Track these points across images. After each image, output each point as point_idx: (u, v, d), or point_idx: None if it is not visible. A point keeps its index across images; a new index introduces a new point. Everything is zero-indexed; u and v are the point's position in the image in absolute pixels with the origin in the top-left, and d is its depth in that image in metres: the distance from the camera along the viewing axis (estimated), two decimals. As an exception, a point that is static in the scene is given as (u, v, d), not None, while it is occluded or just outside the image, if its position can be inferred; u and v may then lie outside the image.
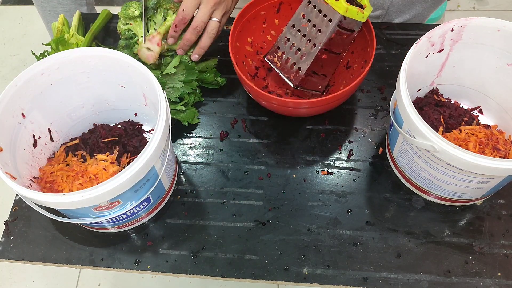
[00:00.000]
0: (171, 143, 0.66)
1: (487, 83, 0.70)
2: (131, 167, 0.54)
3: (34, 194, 0.53)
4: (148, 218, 0.68)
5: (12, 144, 0.61)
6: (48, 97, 0.66)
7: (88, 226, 0.67)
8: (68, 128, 0.72)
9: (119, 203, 0.58)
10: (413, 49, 0.61)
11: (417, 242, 0.65)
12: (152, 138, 0.56)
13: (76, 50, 0.64)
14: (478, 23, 0.63)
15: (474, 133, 0.66)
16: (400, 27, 0.87)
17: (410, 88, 0.67)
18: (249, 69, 0.80)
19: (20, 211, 0.70)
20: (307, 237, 0.66)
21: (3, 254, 0.67)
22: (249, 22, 0.77)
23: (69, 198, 0.52)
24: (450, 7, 1.48)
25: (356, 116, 0.77)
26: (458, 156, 0.53)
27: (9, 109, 0.60)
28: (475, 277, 0.62)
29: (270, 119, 0.77)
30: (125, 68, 0.64)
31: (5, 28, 1.54)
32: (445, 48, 0.66)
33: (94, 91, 0.69)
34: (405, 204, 0.68)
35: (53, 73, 0.64)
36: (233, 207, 0.69)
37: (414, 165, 0.63)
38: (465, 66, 0.69)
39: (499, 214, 0.67)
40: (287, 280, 0.63)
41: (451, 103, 0.73)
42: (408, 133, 0.59)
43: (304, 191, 0.70)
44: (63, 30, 0.84)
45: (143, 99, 0.69)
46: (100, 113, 0.74)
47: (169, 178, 0.67)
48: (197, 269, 0.64)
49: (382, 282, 0.62)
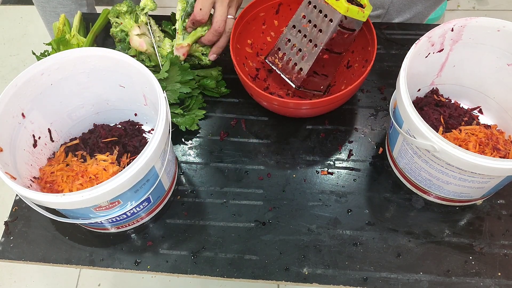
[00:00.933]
0: (171, 143, 0.66)
1: (487, 83, 0.70)
2: (131, 167, 0.54)
3: (34, 194, 0.53)
4: (148, 218, 0.68)
5: (12, 144, 0.61)
6: (48, 97, 0.66)
7: (88, 226, 0.67)
8: (68, 128, 0.72)
9: (119, 203, 0.58)
10: (413, 49, 0.61)
11: (417, 242, 0.65)
12: (152, 138, 0.56)
13: (76, 50, 0.64)
14: (478, 23, 0.63)
15: (474, 133, 0.66)
16: (400, 27, 0.87)
17: (410, 88, 0.67)
18: (249, 70, 0.80)
19: (20, 211, 0.70)
20: (307, 237, 0.66)
21: (3, 254, 0.67)
22: (249, 24, 0.77)
23: (69, 198, 0.52)
24: (450, 7, 1.48)
25: (356, 116, 0.77)
26: (458, 156, 0.53)
27: (9, 109, 0.60)
28: (475, 277, 0.62)
29: (270, 119, 0.77)
30: (125, 68, 0.64)
31: (5, 28, 1.54)
32: (445, 48, 0.66)
33: (94, 91, 0.69)
34: (405, 204, 0.68)
35: (53, 73, 0.64)
36: (233, 207, 0.69)
37: (414, 165, 0.63)
38: (465, 66, 0.69)
39: (499, 214, 0.67)
40: (287, 280, 0.63)
41: (451, 103, 0.73)
42: (408, 133, 0.59)
43: (304, 191, 0.70)
44: (64, 31, 0.84)
45: (143, 99, 0.69)
46: (100, 113, 0.74)
47: (169, 178, 0.67)
48: (197, 269, 0.64)
49: (382, 282, 0.62)
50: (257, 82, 0.80)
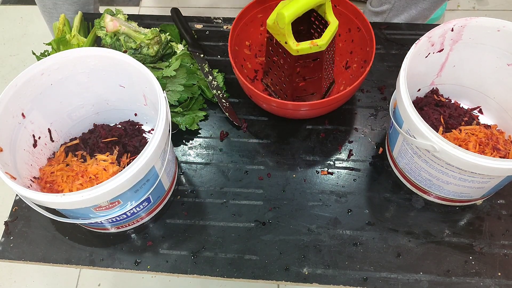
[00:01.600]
0: (171, 143, 0.66)
1: (487, 83, 0.70)
2: (131, 167, 0.54)
3: (34, 194, 0.53)
4: (148, 218, 0.68)
5: (12, 144, 0.61)
6: (48, 97, 0.66)
7: (88, 226, 0.67)
8: (68, 128, 0.72)
9: (119, 203, 0.58)
10: (413, 49, 0.61)
11: (417, 242, 0.65)
12: (152, 138, 0.56)
13: (76, 50, 0.64)
14: (478, 23, 0.63)
15: (474, 133, 0.66)
16: (399, 27, 0.87)
17: (410, 88, 0.67)
18: (248, 72, 0.80)
19: (20, 211, 0.70)
20: (307, 237, 0.66)
21: (3, 254, 0.67)
22: (247, 26, 0.77)
23: (69, 198, 0.52)
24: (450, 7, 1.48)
25: (356, 116, 0.77)
26: (458, 156, 0.53)
27: (9, 109, 0.60)
28: (475, 277, 0.62)
29: (270, 119, 0.77)
30: (125, 68, 0.64)
31: (5, 28, 1.54)
32: (445, 48, 0.66)
33: (94, 91, 0.69)
34: (405, 204, 0.68)
35: (53, 73, 0.64)
36: (233, 207, 0.69)
37: (414, 165, 0.63)
38: (465, 66, 0.69)
39: (499, 214, 0.67)
40: (287, 280, 0.63)
41: (451, 103, 0.73)
42: (408, 133, 0.59)
43: (304, 191, 0.70)
44: (64, 31, 0.84)
45: (143, 99, 0.69)
46: (100, 113, 0.74)
47: (169, 178, 0.67)
48: (197, 269, 0.64)
49: (382, 282, 0.62)
50: (255, 83, 0.80)
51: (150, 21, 0.91)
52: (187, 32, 0.85)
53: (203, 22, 0.90)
